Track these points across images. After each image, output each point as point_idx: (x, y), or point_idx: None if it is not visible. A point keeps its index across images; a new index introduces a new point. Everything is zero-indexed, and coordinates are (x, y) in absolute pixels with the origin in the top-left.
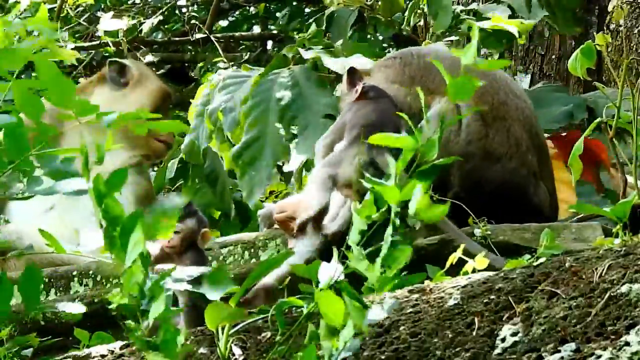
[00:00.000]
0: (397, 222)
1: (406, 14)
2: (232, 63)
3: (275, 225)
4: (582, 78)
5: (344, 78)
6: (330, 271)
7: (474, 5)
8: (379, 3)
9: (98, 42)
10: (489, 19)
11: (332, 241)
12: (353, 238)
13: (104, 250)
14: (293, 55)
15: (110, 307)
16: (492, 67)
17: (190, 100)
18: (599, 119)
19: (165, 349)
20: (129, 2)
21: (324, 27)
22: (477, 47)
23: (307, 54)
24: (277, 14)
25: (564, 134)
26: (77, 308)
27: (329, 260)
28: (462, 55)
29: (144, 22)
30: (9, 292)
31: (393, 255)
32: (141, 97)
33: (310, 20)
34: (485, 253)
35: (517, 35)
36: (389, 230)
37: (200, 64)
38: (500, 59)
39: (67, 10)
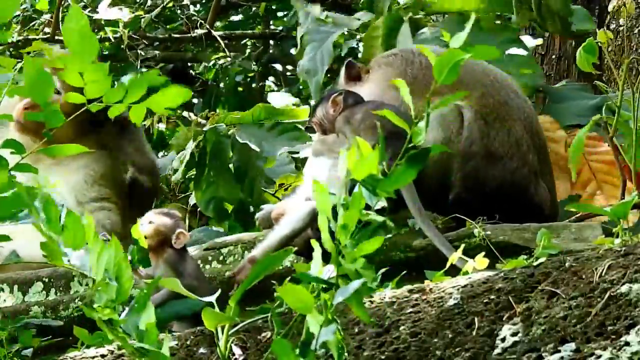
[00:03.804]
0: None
1: None
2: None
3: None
4: (588, 72)
5: (342, 71)
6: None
7: None
8: None
9: (99, 37)
10: None
11: None
12: (343, 235)
13: None
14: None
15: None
16: (477, 55)
17: (193, 101)
18: (596, 116)
19: (155, 355)
20: None
21: None
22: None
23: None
24: (279, 14)
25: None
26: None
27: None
28: (451, 40)
29: (144, 17)
30: None
31: (364, 231)
32: None
33: None
34: (453, 253)
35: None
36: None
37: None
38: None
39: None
